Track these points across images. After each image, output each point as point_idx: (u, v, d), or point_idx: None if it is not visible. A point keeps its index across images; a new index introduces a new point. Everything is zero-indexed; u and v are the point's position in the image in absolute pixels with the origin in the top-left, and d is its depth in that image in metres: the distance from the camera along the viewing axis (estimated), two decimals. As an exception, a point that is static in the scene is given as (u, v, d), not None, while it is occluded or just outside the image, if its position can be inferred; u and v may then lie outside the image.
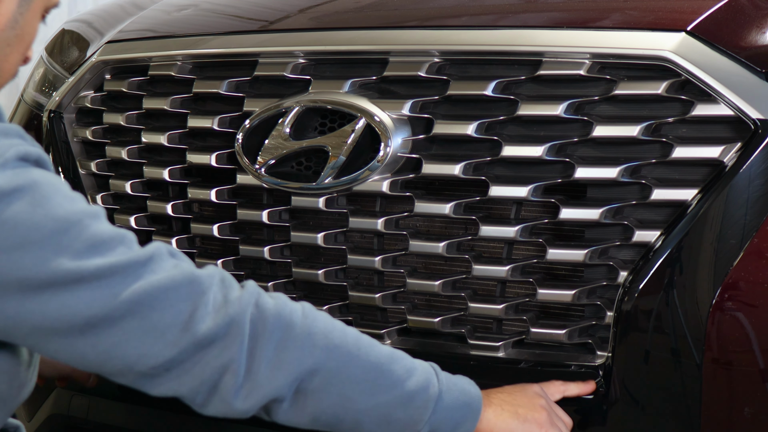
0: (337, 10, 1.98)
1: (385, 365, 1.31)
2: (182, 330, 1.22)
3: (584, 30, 1.60)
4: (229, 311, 1.24)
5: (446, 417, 1.34)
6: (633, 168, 1.50)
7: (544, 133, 1.55)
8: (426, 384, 1.33)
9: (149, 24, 2.05)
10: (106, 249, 1.21)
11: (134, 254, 1.22)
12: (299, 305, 1.31)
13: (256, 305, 1.27)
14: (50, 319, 1.19)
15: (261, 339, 1.25)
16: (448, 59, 1.64)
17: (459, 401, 1.35)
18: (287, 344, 1.26)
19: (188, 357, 1.23)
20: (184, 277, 1.24)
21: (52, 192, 1.21)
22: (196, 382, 1.25)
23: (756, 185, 1.43)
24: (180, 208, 1.84)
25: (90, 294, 1.19)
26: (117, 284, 1.20)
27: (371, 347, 1.32)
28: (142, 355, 1.22)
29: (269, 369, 1.25)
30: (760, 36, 1.56)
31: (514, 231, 1.54)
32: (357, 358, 1.30)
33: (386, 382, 1.31)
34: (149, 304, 1.21)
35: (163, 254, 1.26)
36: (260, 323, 1.26)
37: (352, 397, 1.30)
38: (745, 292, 1.43)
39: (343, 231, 1.67)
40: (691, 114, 1.47)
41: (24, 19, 1.31)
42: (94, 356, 1.22)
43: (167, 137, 1.85)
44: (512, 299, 1.56)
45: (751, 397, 1.42)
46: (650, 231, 1.47)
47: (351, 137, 1.63)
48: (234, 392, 1.25)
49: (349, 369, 1.29)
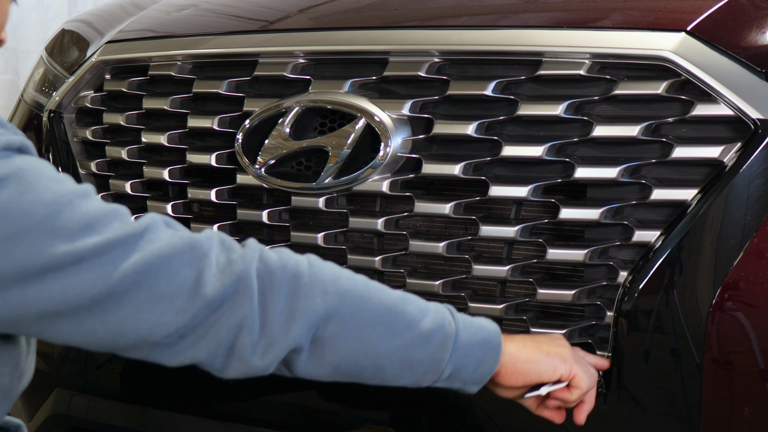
0: (337, 10, 1.98)
1: (399, 306, 1.31)
2: (191, 295, 1.21)
3: (584, 30, 1.60)
4: (234, 270, 1.24)
5: (467, 354, 1.34)
6: (633, 168, 1.50)
7: (544, 133, 1.55)
8: (441, 322, 1.33)
9: (149, 24, 2.05)
10: (101, 226, 1.20)
11: (130, 227, 1.22)
12: (304, 257, 1.31)
13: (260, 260, 1.26)
14: (55, 302, 1.18)
15: (271, 292, 1.25)
16: (448, 59, 1.64)
17: (477, 337, 1.35)
18: (298, 294, 1.26)
19: (201, 321, 1.23)
20: (183, 243, 1.23)
21: (38, 176, 1.20)
22: (213, 345, 1.24)
23: (756, 185, 1.43)
24: (180, 208, 1.84)
25: (92, 272, 1.18)
26: (117, 259, 1.19)
27: (381, 290, 1.32)
28: (154, 325, 1.21)
29: (283, 320, 1.25)
30: (760, 36, 1.56)
31: (514, 231, 1.54)
32: (369, 301, 1.30)
33: (401, 323, 1.31)
34: (153, 273, 1.20)
35: (159, 224, 1.25)
36: (267, 277, 1.25)
37: (370, 341, 1.30)
38: (745, 292, 1.43)
39: (343, 231, 1.67)
40: (691, 114, 1.47)
41: None
42: (105, 333, 1.22)
43: (167, 137, 1.85)
44: (512, 299, 1.56)
45: (751, 397, 1.42)
46: (650, 231, 1.48)
47: (351, 137, 1.63)
48: (251, 349, 1.25)
49: (362, 312, 1.29)
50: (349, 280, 1.31)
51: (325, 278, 1.29)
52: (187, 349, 1.25)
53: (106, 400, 1.85)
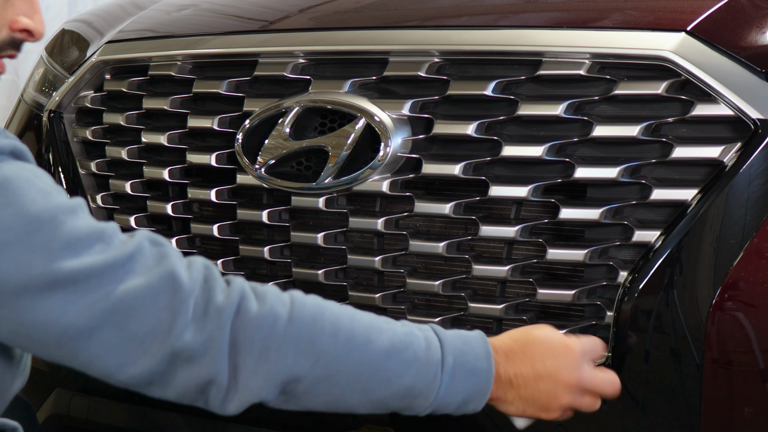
0: (337, 10, 1.98)
1: (381, 363, 1.25)
2: (162, 340, 1.17)
3: (584, 30, 1.60)
4: (208, 325, 1.19)
5: (451, 400, 1.29)
6: (633, 168, 1.50)
7: (544, 133, 1.55)
8: (427, 374, 1.27)
9: (149, 24, 2.05)
10: (82, 247, 1.15)
11: (112, 254, 1.17)
12: (288, 303, 1.24)
13: (238, 313, 1.20)
14: (26, 326, 1.15)
15: (242, 350, 1.20)
16: (448, 59, 1.64)
17: (466, 384, 1.29)
18: (269, 355, 1.21)
19: (167, 368, 1.19)
20: (163, 283, 1.18)
21: (25, 187, 1.15)
22: (180, 392, 1.21)
23: (756, 185, 1.43)
24: (180, 208, 1.84)
25: (64, 301, 1.14)
26: (93, 290, 1.14)
27: (365, 345, 1.25)
28: (121, 365, 1.18)
29: (251, 378, 1.21)
30: (760, 36, 1.56)
31: (514, 231, 1.54)
32: (346, 362, 1.24)
33: (380, 380, 1.25)
34: (127, 313, 1.16)
35: (144, 248, 1.20)
36: (241, 333, 1.20)
37: (343, 397, 1.26)
38: (745, 292, 1.43)
39: (343, 231, 1.67)
40: (691, 114, 1.47)
41: None
42: (73, 364, 1.19)
43: (167, 137, 1.85)
44: (512, 299, 1.56)
45: (751, 397, 1.42)
46: (650, 231, 1.47)
47: (351, 137, 1.63)
48: (220, 401, 1.22)
49: (337, 375, 1.24)
50: (330, 337, 1.23)
51: (301, 336, 1.22)
52: (155, 391, 1.21)
53: (106, 400, 1.85)
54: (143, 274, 1.18)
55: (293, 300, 1.25)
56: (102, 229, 1.19)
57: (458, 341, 1.31)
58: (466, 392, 1.29)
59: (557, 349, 1.34)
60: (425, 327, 1.32)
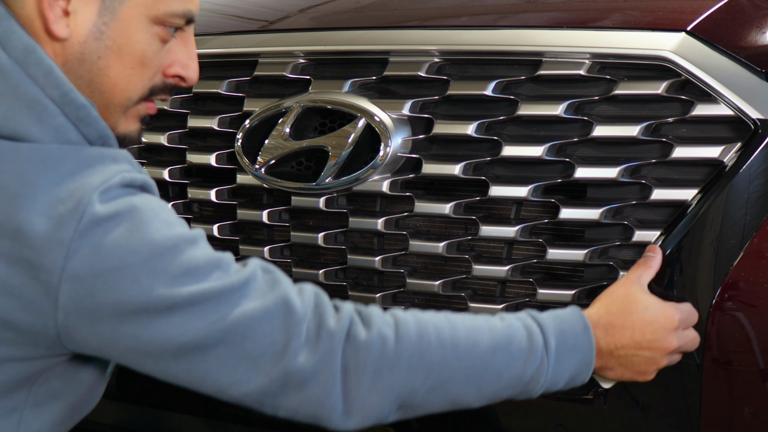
0: (337, 10, 1.98)
1: (488, 361, 1.30)
2: (275, 361, 1.22)
3: (584, 30, 1.60)
4: (320, 348, 1.23)
5: (560, 378, 1.34)
6: (633, 168, 1.50)
7: (544, 133, 1.55)
8: (534, 361, 1.31)
9: (149, 24, 2.05)
10: (201, 274, 1.21)
11: (228, 280, 1.22)
12: (392, 324, 1.28)
13: (348, 339, 1.25)
14: (144, 342, 1.20)
15: (355, 374, 1.24)
16: (448, 59, 1.64)
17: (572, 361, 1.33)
18: (382, 374, 1.25)
19: (280, 389, 1.23)
20: (277, 307, 1.23)
21: (151, 217, 1.22)
22: (291, 411, 1.25)
23: (756, 185, 1.43)
24: (180, 208, 1.84)
25: (183, 321, 1.19)
26: (210, 311, 1.20)
27: (472, 348, 1.29)
28: (234, 382, 1.22)
29: (367, 398, 1.25)
30: (760, 36, 1.56)
31: (514, 231, 1.54)
32: (457, 368, 1.28)
33: (491, 376, 1.30)
34: (242, 333, 1.21)
35: (258, 275, 1.25)
36: (353, 358, 1.24)
37: (458, 398, 1.30)
38: (745, 292, 1.43)
39: (343, 231, 1.67)
40: (691, 114, 1.47)
41: (112, 30, 1.28)
42: (186, 379, 1.24)
43: (167, 137, 1.85)
44: (512, 299, 1.56)
45: (751, 397, 1.42)
46: (650, 231, 1.47)
47: (351, 137, 1.63)
48: (336, 421, 1.25)
49: (450, 380, 1.28)
50: (437, 347, 1.28)
51: (411, 353, 1.26)
52: (267, 409, 1.25)
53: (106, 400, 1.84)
54: (258, 299, 1.23)
55: (397, 320, 1.29)
56: (220, 258, 1.25)
57: (556, 322, 1.35)
58: (572, 368, 1.34)
59: (657, 319, 1.37)
60: (522, 315, 1.36)
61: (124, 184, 1.23)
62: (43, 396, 1.29)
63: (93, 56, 1.29)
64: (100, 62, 1.29)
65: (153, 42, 1.32)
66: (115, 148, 1.29)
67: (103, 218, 1.19)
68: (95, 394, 1.37)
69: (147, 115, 1.37)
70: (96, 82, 1.30)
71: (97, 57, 1.29)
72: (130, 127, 1.36)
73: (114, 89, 1.31)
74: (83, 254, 1.18)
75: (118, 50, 1.30)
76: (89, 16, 1.27)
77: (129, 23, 1.30)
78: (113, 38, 1.29)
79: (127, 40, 1.30)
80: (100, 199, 1.19)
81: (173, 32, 1.35)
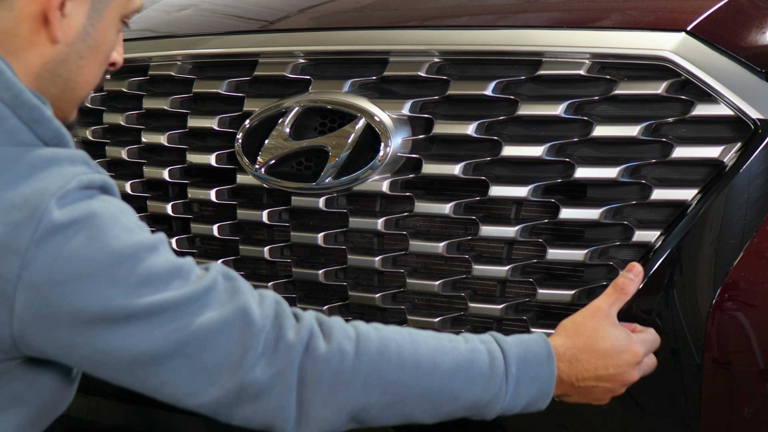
0: (337, 10, 1.98)
1: (447, 384, 1.29)
2: (231, 373, 1.21)
3: (584, 30, 1.60)
4: (277, 361, 1.22)
5: (517, 404, 1.33)
6: (633, 168, 1.50)
7: (544, 133, 1.55)
8: (493, 386, 1.31)
9: (149, 24, 2.05)
10: (160, 283, 1.20)
11: (188, 289, 1.21)
12: (353, 339, 1.27)
13: (306, 350, 1.24)
14: (99, 352, 1.19)
15: (311, 386, 1.23)
16: (448, 59, 1.64)
17: (530, 390, 1.33)
18: (338, 389, 1.24)
19: (235, 401, 1.22)
20: (236, 317, 1.21)
21: (111, 223, 1.19)
22: (245, 422, 1.25)
23: (756, 185, 1.43)
24: (180, 208, 1.84)
25: (140, 331, 1.18)
26: (168, 322, 1.19)
27: (432, 369, 1.28)
28: (189, 393, 1.21)
29: (320, 410, 1.24)
30: (760, 36, 1.56)
31: (514, 231, 1.54)
32: (414, 388, 1.28)
33: (447, 398, 1.29)
34: (199, 345, 1.20)
35: (218, 283, 1.23)
36: (310, 370, 1.23)
37: (412, 415, 1.30)
38: (745, 292, 1.43)
39: (343, 231, 1.67)
40: (691, 114, 1.47)
41: (96, 30, 1.29)
42: (142, 389, 1.23)
43: (167, 137, 1.85)
44: (512, 299, 1.56)
45: (751, 397, 1.42)
46: (650, 231, 1.47)
47: (351, 137, 1.63)
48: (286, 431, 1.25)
49: (405, 399, 1.28)
50: (396, 367, 1.27)
51: (369, 370, 1.25)
52: (221, 418, 1.25)
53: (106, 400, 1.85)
54: (217, 309, 1.22)
55: (359, 335, 1.28)
56: (180, 265, 1.23)
57: (520, 348, 1.34)
58: (530, 396, 1.34)
59: (622, 356, 1.37)
60: (487, 338, 1.35)
61: (83, 186, 1.20)
62: (5, 399, 1.27)
63: (76, 56, 1.29)
64: (81, 61, 1.29)
65: (116, 36, 1.34)
66: (70, 148, 1.26)
67: (61, 225, 1.16)
68: (62, 396, 1.35)
69: None
70: (72, 80, 1.30)
71: (79, 57, 1.29)
72: (75, 114, 1.37)
73: (85, 85, 1.32)
74: (40, 263, 1.16)
75: (96, 49, 1.30)
76: (80, 19, 1.28)
77: (108, 23, 1.31)
78: (95, 38, 1.30)
79: (104, 39, 1.31)
80: (58, 204, 1.17)
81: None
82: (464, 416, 1.33)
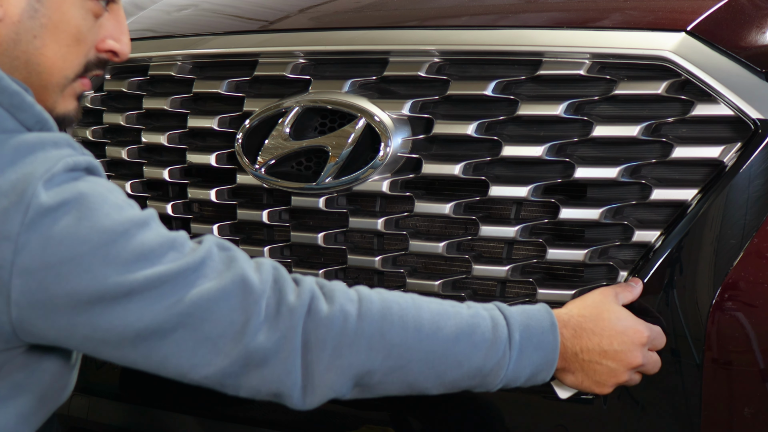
0: (337, 10, 1.98)
1: (450, 348, 1.28)
2: (235, 341, 1.20)
3: (584, 30, 1.60)
4: (281, 325, 1.22)
5: (520, 374, 1.33)
6: (633, 168, 1.50)
7: (544, 133, 1.55)
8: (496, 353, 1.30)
9: (149, 24, 2.05)
10: (155, 257, 1.19)
11: (184, 261, 1.20)
12: (356, 301, 1.26)
13: (309, 313, 1.23)
14: (101, 331, 1.19)
15: (314, 349, 1.23)
16: (448, 59, 1.64)
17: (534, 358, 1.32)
18: (342, 352, 1.24)
19: (241, 369, 1.22)
20: (235, 285, 1.21)
21: (100, 202, 1.19)
22: (253, 391, 1.24)
23: (756, 185, 1.43)
24: (180, 208, 1.84)
25: (140, 306, 1.18)
26: (167, 294, 1.18)
27: (435, 332, 1.28)
28: (195, 365, 1.21)
29: (325, 374, 1.24)
30: (760, 36, 1.56)
31: (514, 231, 1.54)
32: (417, 351, 1.27)
33: (451, 364, 1.29)
34: (201, 315, 1.19)
35: (214, 254, 1.23)
36: (313, 333, 1.23)
37: (416, 382, 1.29)
38: (745, 292, 1.43)
39: (343, 231, 1.67)
40: (691, 114, 1.47)
41: (46, 7, 1.27)
42: (147, 365, 1.22)
43: (167, 137, 1.85)
44: (512, 299, 1.56)
45: (751, 397, 1.42)
46: (650, 231, 1.47)
47: (351, 137, 1.63)
48: (296, 397, 1.24)
49: (409, 364, 1.27)
50: (399, 329, 1.26)
51: (372, 332, 1.25)
52: (228, 390, 1.24)
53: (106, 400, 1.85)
54: (215, 278, 1.21)
55: (361, 297, 1.28)
56: (173, 238, 1.22)
57: (523, 316, 1.34)
58: (534, 365, 1.33)
59: (627, 332, 1.37)
60: (490, 306, 1.35)
61: (68, 168, 1.20)
62: (6, 389, 1.27)
63: (28, 36, 1.27)
64: (36, 41, 1.27)
65: (87, 17, 1.31)
66: (54, 132, 1.25)
67: (50, 208, 1.16)
68: (63, 383, 1.34)
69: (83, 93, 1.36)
70: (33, 63, 1.28)
71: (33, 36, 1.27)
72: (68, 106, 1.34)
73: (51, 68, 1.29)
74: (32, 247, 1.15)
75: (54, 28, 1.28)
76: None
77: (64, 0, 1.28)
78: (48, 15, 1.27)
79: (61, 16, 1.28)
80: (45, 187, 1.17)
81: (105, 6, 1.34)
82: (470, 387, 1.32)
